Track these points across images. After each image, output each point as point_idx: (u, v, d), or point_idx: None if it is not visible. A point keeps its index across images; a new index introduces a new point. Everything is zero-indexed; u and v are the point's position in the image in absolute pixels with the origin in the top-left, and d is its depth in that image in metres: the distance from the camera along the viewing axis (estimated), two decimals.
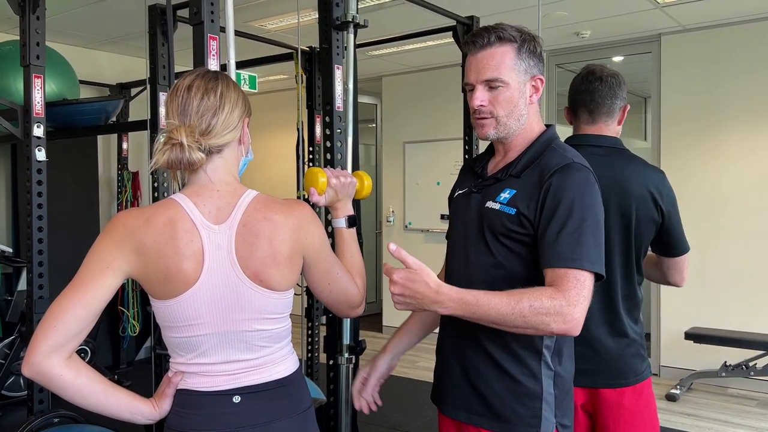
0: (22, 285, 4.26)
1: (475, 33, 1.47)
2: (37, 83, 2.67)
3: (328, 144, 2.44)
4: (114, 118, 4.72)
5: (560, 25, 4.70)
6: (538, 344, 1.43)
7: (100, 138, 5.32)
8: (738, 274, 4.66)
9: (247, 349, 1.31)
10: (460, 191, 1.61)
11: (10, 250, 4.38)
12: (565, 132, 2.19)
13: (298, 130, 3.85)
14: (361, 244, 1.76)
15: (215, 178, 1.32)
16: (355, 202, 1.63)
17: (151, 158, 1.30)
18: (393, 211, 6.53)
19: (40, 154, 2.69)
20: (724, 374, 4.50)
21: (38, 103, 2.68)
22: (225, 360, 1.30)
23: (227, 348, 1.30)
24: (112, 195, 5.48)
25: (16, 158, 4.70)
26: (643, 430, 1.93)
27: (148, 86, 3.27)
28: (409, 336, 1.74)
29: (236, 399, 1.30)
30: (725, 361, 4.52)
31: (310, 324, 4.04)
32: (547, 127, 1.54)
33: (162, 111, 3.27)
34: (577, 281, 1.30)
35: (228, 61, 1.97)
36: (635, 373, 1.91)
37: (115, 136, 5.35)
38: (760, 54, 4.57)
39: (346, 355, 2.43)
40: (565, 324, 1.28)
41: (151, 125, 3.33)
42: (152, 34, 3.29)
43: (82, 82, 4.75)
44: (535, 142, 1.49)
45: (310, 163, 4.29)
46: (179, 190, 1.35)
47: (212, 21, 1.99)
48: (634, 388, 1.91)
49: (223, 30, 2.04)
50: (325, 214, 2.44)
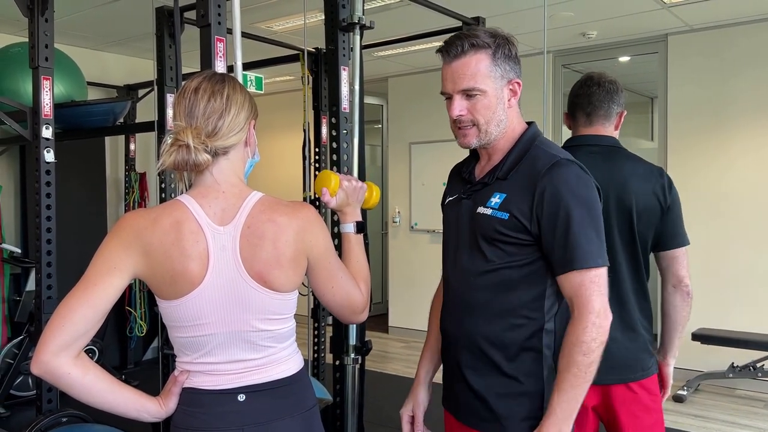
0: (31, 285, 4.29)
1: (448, 41, 1.46)
2: (46, 85, 2.69)
3: (335, 145, 2.45)
4: (121, 120, 4.75)
5: (566, 25, 4.69)
6: (537, 344, 1.43)
7: (107, 139, 5.35)
8: (745, 275, 4.64)
9: (252, 349, 1.32)
10: (450, 198, 1.62)
11: (19, 251, 4.40)
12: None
13: (304, 131, 3.86)
14: (367, 246, 1.77)
15: (221, 179, 1.33)
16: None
17: (158, 159, 1.31)
18: (399, 212, 6.54)
19: (49, 156, 2.71)
20: (731, 375, 4.48)
21: (47, 104, 2.70)
22: (230, 359, 1.31)
23: (232, 347, 1.31)
24: (120, 196, 5.51)
25: (25, 159, 4.73)
26: (651, 426, 1.94)
27: (156, 87, 3.29)
28: (433, 356, 1.71)
29: (241, 397, 1.31)
30: (732, 362, 4.50)
31: (316, 324, 4.05)
32: (528, 124, 1.54)
33: (169, 112, 3.29)
34: (592, 283, 1.35)
35: (235, 63, 1.98)
36: (643, 368, 1.93)
37: (122, 138, 5.38)
38: (767, 54, 4.56)
39: (353, 356, 2.44)
40: (605, 325, 1.35)
41: (158, 126, 3.35)
42: (159, 36, 3.31)
43: (89, 84, 4.78)
44: (518, 142, 1.49)
45: (317, 164, 4.30)
46: (186, 191, 1.36)
47: (219, 23, 2.00)
48: (642, 383, 1.93)
49: (230, 32, 2.05)
50: (332, 217, 2.45)
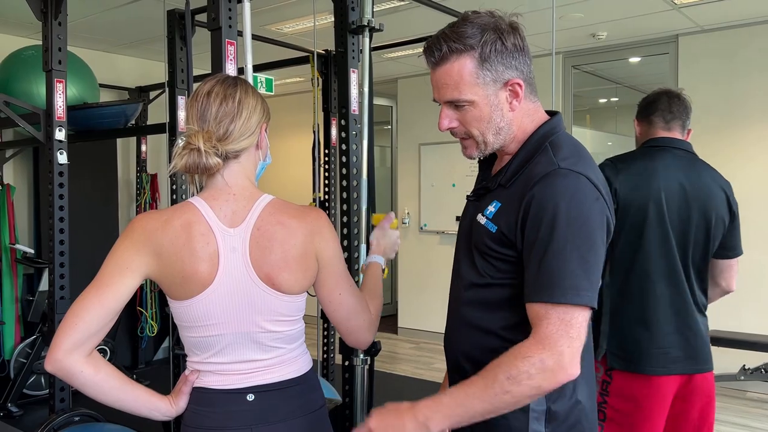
0: (44, 285, 4.34)
1: (429, 44, 1.26)
2: (59, 88, 2.72)
3: (344, 147, 2.46)
4: (133, 121, 4.79)
5: (576, 26, 4.68)
6: None
7: (119, 141, 5.39)
8: (757, 276, 4.61)
9: (261, 350, 1.34)
10: (468, 196, 1.46)
11: (32, 251, 4.45)
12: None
13: (314, 132, 3.88)
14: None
15: (232, 182, 1.34)
16: (371, 204, 1.66)
17: (170, 162, 1.33)
18: (408, 213, 6.54)
19: (62, 157, 2.74)
20: (743, 378, 4.45)
21: (60, 107, 2.73)
22: (239, 359, 1.33)
23: (241, 348, 1.32)
24: (131, 197, 5.55)
25: (38, 161, 4.78)
26: (710, 420, 2.07)
27: (167, 89, 3.31)
28: None
29: (250, 397, 1.32)
30: (744, 365, 4.47)
31: (326, 325, 4.07)
32: (551, 115, 1.32)
33: (180, 114, 3.32)
34: (560, 321, 1.10)
35: (245, 65, 2.00)
36: (709, 361, 2.06)
37: (134, 139, 5.42)
38: None
39: (362, 356, 2.45)
40: (557, 376, 1.09)
41: (169, 128, 3.38)
42: (171, 39, 3.33)
43: (101, 86, 4.82)
44: (525, 143, 1.27)
45: (326, 166, 4.31)
46: (197, 193, 1.38)
47: (230, 26, 2.02)
48: (711, 375, 2.06)
49: (240, 34, 2.07)
50: (341, 229, 2.46)
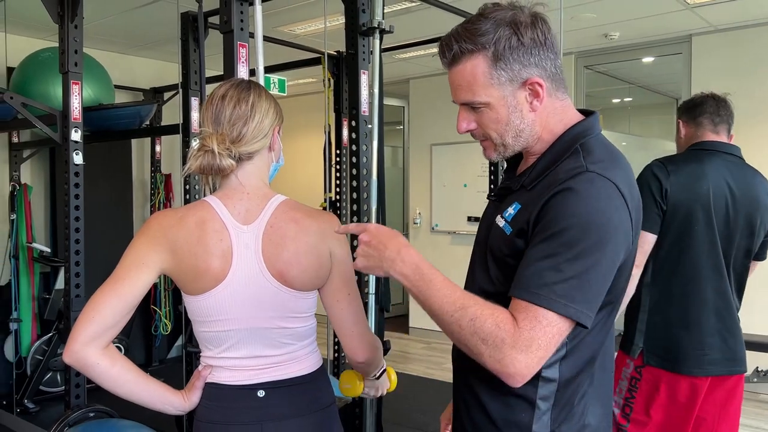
0: (60, 284, 4.40)
1: (441, 43, 1.20)
2: (75, 89, 2.77)
3: (354, 147, 2.49)
4: (147, 122, 4.85)
5: (588, 26, 4.68)
6: (530, 393, 1.13)
7: (134, 141, 5.45)
8: None
9: (272, 346, 1.36)
10: (491, 195, 1.38)
11: (48, 250, 4.52)
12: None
13: (326, 133, 3.91)
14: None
15: (246, 182, 1.37)
16: (381, 204, 1.68)
17: (184, 162, 1.36)
18: (420, 213, 6.56)
19: (78, 158, 2.79)
20: (755, 380, 4.42)
21: (76, 108, 2.78)
22: (251, 355, 1.36)
23: (253, 343, 1.35)
24: (146, 196, 5.61)
25: (55, 161, 4.85)
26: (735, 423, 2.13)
27: (180, 91, 3.36)
28: None
29: (260, 393, 1.35)
30: (756, 367, 4.44)
31: None
32: (585, 115, 1.22)
33: (194, 115, 3.37)
34: (537, 321, 1.01)
35: (257, 67, 2.03)
36: (744, 363, 2.12)
37: (148, 140, 5.49)
38: None
39: None
40: (500, 366, 1.01)
41: (183, 129, 3.42)
42: (184, 41, 3.38)
43: (117, 87, 4.88)
44: (554, 144, 1.18)
45: (338, 166, 4.33)
46: (210, 193, 1.41)
47: (242, 29, 2.05)
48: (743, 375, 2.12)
49: (252, 36, 2.10)
50: (352, 240, 2.48)
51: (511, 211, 1.17)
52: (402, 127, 7.43)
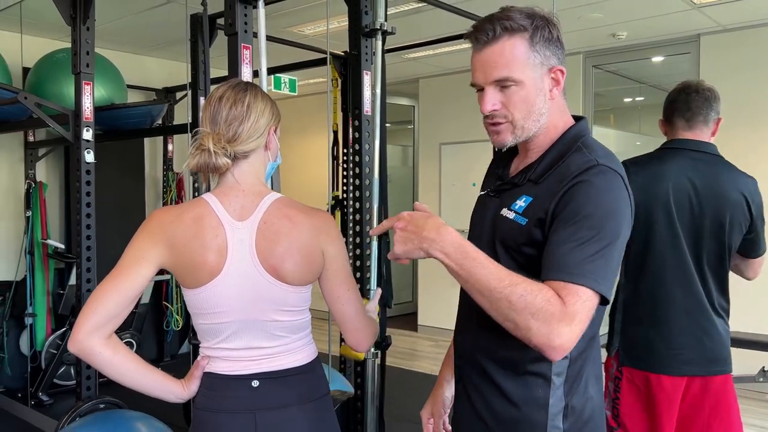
0: (74, 279, 4.48)
1: (478, 26, 1.26)
2: (87, 90, 2.85)
3: (357, 146, 2.54)
4: (159, 121, 4.93)
5: (596, 26, 4.69)
6: (546, 370, 1.25)
7: (147, 140, 5.54)
8: None
9: (267, 338, 1.42)
10: (482, 192, 1.49)
11: (62, 246, 4.61)
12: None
13: (334, 132, 3.96)
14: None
15: (242, 180, 1.43)
16: (383, 202, 1.73)
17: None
18: None
19: (89, 156, 2.87)
20: (761, 380, 4.41)
21: (87, 108, 2.86)
22: (246, 346, 1.41)
23: (248, 335, 1.41)
24: (158, 194, 5.69)
25: (69, 159, 4.95)
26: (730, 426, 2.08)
27: (189, 91, 3.42)
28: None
29: (255, 383, 1.40)
30: (763, 367, 4.42)
31: None
32: (577, 119, 1.34)
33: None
34: (578, 297, 1.10)
35: (260, 69, 2.09)
36: (726, 363, 2.05)
37: (161, 139, 5.57)
38: None
39: (372, 350, 2.53)
40: (548, 339, 1.07)
41: (192, 128, 3.48)
42: (194, 42, 3.44)
43: (130, 87, 4.97)
44: (558, 141, 1.29)
45: (345, 165, 4.38)
46: (209, 190, 1.47)
47: (245, 31, 2.11)
48: (728, 376, 2.05)
49: (255, 35, 2.15)
50: (353, 227, 2.53)
51: (521, 203, 1.26)
52: (412, 127, 7.47)
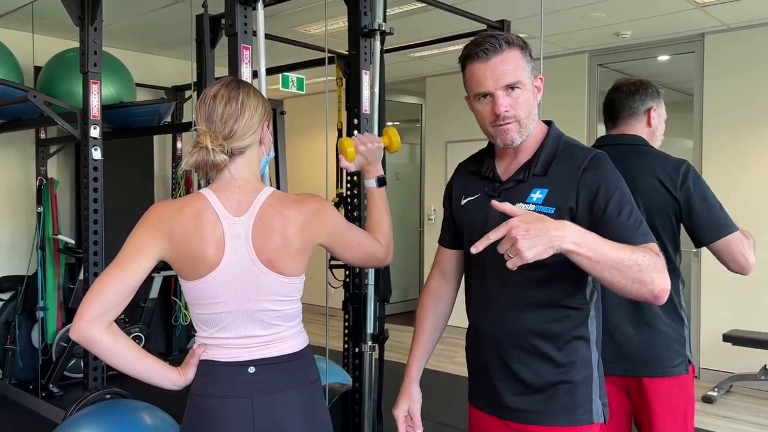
0: (84, 274, 4.58)
1: (481, 42, 1.45)
2: (94, 88, 2.93)
3: None
4: (168, 119, 5.01)
5: (600, 26, 4.71)
6: (585, 332, 1.47)
7: (155, 138, 5.63)
8: None
9: (261, 326, 1.48)
10: (470, 198, 1.57)
11: (73, 242, 4.70)
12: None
13: (338, 130, 4.01)
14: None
15: (238, 175, 1.49)
16: (396, 201, 1.77)
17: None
18: (435, 210, 6.65)
19: (96, 153, 2.95)
20: (763, 378, 4.44)
21: (95, 106, 2.94)
22: (242, 335, 1.48)
23: (244, 324, 1.47)
24: (167, 191, 5.78)
25: (79, 157, 5.03)
26: (673, 426, 1.99)
27: (194, 90, 3.49)
28: (424, 353, 1.76)
29: (251, 369, 1.47)
30: (765, 365, 4.45)
31: (347, 316, 4.19)
32: (548, 123, 1.57)
33: None
34: (656, 249, 1.34)
35: (259, 68, 2.15)
36: (663, 365, 1.97)
37: (170, 136, 5.65)
38: None
39: (370, 344, 2.58)
40: (665, 285, 1.30)
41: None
42: (199, 42, 3.49)
43: (139, 85, 5.05)
44: (545, 140, 1.51)
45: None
46: (206, 185, 1.53)
47: (245, 32, 2.17)
48: (665, 380, 1.97)
49: (255, 34, 2.21)
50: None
51: (537, 195, 1.45)
52: (419, 125, 7.51)
